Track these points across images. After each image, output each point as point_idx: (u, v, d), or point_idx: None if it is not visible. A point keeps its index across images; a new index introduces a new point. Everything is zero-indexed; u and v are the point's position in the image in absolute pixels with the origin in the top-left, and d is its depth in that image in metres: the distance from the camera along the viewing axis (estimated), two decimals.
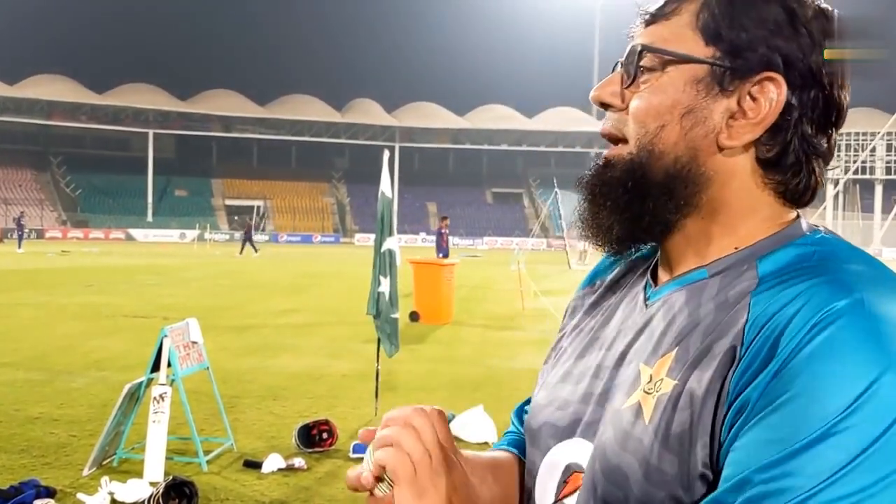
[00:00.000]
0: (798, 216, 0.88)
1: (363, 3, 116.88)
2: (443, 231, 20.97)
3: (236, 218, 69.09)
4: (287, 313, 14.35)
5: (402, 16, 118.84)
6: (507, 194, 79.95)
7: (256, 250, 39.01)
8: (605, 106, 0.92)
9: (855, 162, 57.78)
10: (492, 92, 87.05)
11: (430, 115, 75.85)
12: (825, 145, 0.86)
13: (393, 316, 6.71)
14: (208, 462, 5.37)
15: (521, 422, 1.14)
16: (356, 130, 75.40)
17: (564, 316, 1.10)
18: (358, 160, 76.33)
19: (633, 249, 0.94)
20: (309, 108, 74.89)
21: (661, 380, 0.81)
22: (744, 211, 0.86)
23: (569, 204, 52.10)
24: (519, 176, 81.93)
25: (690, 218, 0.86)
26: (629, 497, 0.79)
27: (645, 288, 0.95)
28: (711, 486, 0.74)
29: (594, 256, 39.45)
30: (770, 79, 0.82)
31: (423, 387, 8.08)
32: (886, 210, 52.35)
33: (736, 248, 0.85)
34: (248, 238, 40.00)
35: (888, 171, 62.78)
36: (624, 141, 0.89)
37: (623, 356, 0.90)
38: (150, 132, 72.92)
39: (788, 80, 0.82)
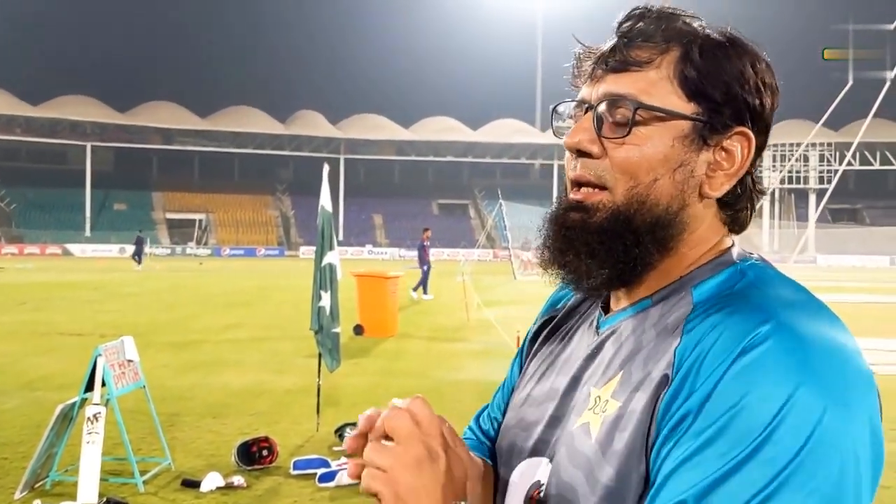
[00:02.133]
0: (732, 244, 0.95)
1: (307, 14, 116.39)
2: (425, 244, 21.28)
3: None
4: (229, 328, 14.15)
5: (346, 27, 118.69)
6: (453, 205, 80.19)
7: (139, 263, 38.30)
8: (581, 154, 0.93)
9: (787, 172, 59.39)
10: (437, 104, 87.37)
11: (375, 127, 75.72)
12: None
13: (334, 330, 6.69)
14: (145, 482, 5.26)
15: (481, 429, 1.23)
16: (300, 142, 74.85)
17: (526, 340, 1.16)
18: (302, 172, 75.71)
19: (604, 288, 0.96)
20: (252, 120, 74.09)
21: (607, 401, 0.87)
22: (700, 244, 0.93)
23: (514, 215, 52.46)
24: (465, 187, 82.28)
25: (665, 256, 0.92)
26: None
27: (599, 314, 1.01)
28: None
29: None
30: (742, 133, 0.91)
31: (366, 401, 8.04)
32: (821, 219, 53.98)
33: (680, 277, 0.92)
34: (138, 251, 39.24)
35: (821, 180, 64.77)
36: (601, 188, 0.92)
37: (576, 380, 0.96)
38: (88, 145, 71.23)
39: (754, 131, 0.91)
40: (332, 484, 5.35)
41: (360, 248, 65.67)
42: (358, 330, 13.05)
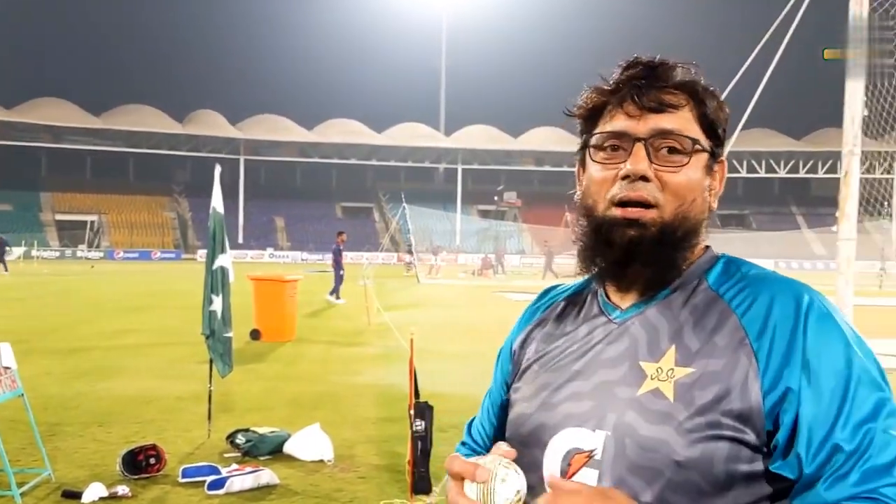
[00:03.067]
0: (709, 245, 1.23)
1: (207, 10, 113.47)
2: (340, 247, 21.21)
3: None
4: (120, 334, 13.69)
5: (248, 26, 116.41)
6: (357, 209, 79.65)
7: (6, 269, 35.99)
8: (640, 178, 1.13)
9: None
10: (340, 106, 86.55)
11: (276, 128, 74.39)
12: None
13: (226, 335, 6.58)
14: (22, 494, 5.05)
15: (474, 439, 1.41)
16: (198, 142, 72.76)
17: (510, 348, 1.35)
18: (200, 173, 73.51)
19: (649, 286, 1.18)
20: (147, 119, 71.60)
21: (672, 369, 1.08)
22: (697, 244, 1.18)
23: (417, 219, 52.60)
24: (369, 190, 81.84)
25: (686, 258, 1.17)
26: (672, 455, 1.03)
27: (602, 310, 1.21)
28: (747, 431, 1.04)
29: (446, 271, 39.81)
30: (722, 161, 1.21)
31: (261, 406, 7.94)
32: (711, 224, 56.13)
33: (684, 269, 1.17)
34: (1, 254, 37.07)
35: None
36: (651, 206, 1.12)
37: (604, 362, 1.15)
38: None
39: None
40: (221, 491, 5.26)
41: (261, 252, 64.45)
42: (255, 335, 12.84)
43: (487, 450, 1.25)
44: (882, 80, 6.75)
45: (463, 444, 1.43)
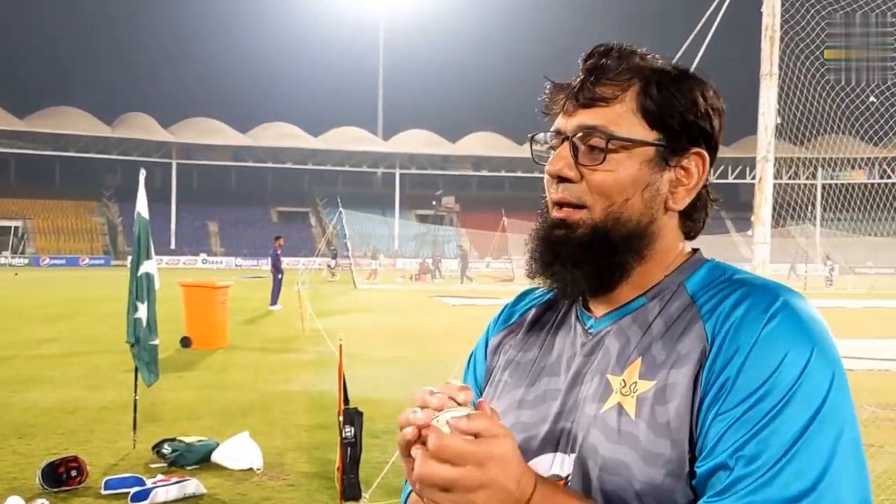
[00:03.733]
0: (697, 249, 1.14)
1: (136, 10, 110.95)
2: (278, 252, 21.24)
3: None
4: (43, 343, 13.25)
5: (179, 26, 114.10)
6: (294, 213, 78.83)
7: None
8: (561, 179, 1.07)
9: None
10: (275, 109, 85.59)
11: (209, 131, 73.09)
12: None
13: (151, 343, 6.44)
14: None
15: None
16: (129, 146, 70.98)
17: (480, 356, 1.25)
18: (131, 177, 71.53)
19: (587, 292, 1.10)
20: (75, 122, 69.59)
21: (635, 383, 0.99)
22: (669, 250, 1.09)
23: (356, 223, 52.30)
24: (305, 195, 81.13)
25: (640, 263, 1.07)
26: (632, 481, 0.94)
27: (580, 319, 1.13)
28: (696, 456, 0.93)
29: (384, 276, 39.63)
30: (697, 153, 1.08)
31: (189, 415, 7.78)
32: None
33: (665, 276, 1.08)
34: None
35: None
36: (581, 207, 1.06)
37: (578, 375, 1.07)
38: None
39: (707, 150, 1.08)
40: (145, 503, 5.14)
41: (194, 258, 63.22)
42: (185, 342, 12.58)
43: None
44: (801, 87, 6.99)
45: None
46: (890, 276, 49.27)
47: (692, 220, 1.12)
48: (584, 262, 1.05)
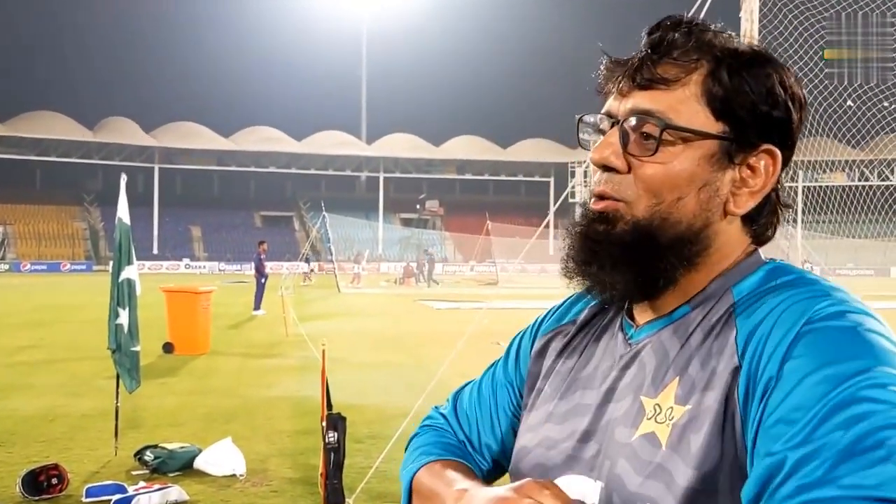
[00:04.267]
0: (755, 249, 0.97)
1: (118, 13, 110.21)
2: (262, 257, 21.36)
3: None
4: (23, 350, 13.12)
5: (162, 30, 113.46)
6: (277, 217, 78.54)
7: None
8: (605, 168, 0.93)
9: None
10: (258, 113, 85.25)
11: (192, 136, 72.69)
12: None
13: (133, 349, 6.40)
14: None
15: (458, 417, 1.18)
16: (110, 150, 70.46)
17: (525, 353, 1.13)
18: (113, 182, 70.80)
19: (626, 298, 0.97)
20: (56, 126, 68.99)
21: (671, 408, 0.86)
22: (725, 256, 0.94)
23: (339, 227, 52.16)
24: (289, 199, 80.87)
25: (689, 271, 0.93)
26: None
27: (622, 328, 1.00)
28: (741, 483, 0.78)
29: (368, 280, 39.55)
30: (768, 150, 0.92)
31: (172, 422, 7.74)
32: None
33: (711, 280, 0.93)
34: None
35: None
36: (621, 201, 0.92)
37: (611, 391, 0.95)
38: None
39: (781, 147, 0.92)
40: None
41: (177, 262, 62.81)
42: (167, 348, 12.51)
43: (470, 444, 1.14)
44: None
45: (440, 414, 1.21)
46: (870, 278, 49.78)
47: (759, 226, 0.97)
48: (625, 265, 0.92)
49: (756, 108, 0.90)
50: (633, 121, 0.91)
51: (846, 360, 0.76)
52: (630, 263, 0.92)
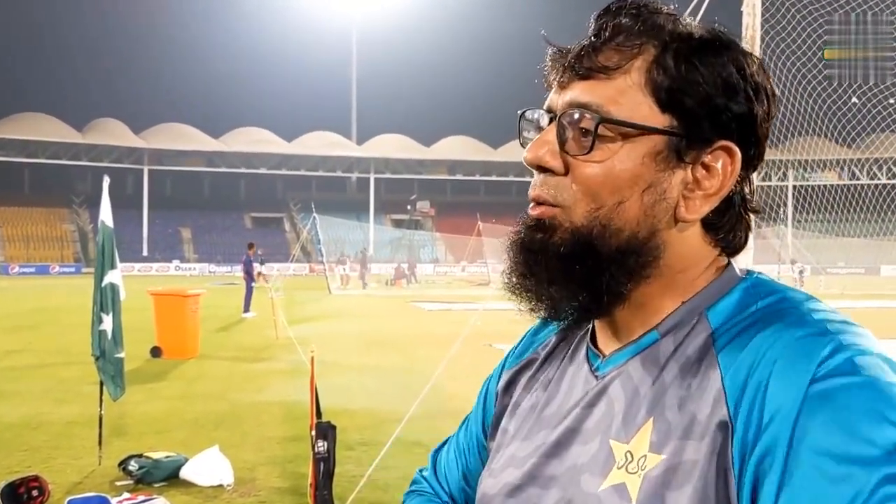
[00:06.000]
0: (729, 261, 0.86)
1: (107, 15, 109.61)
2: (252, 259, 21.48)
3: None
4: (9, 355, 12.91)
5: (151, 31, 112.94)
6: (268, 219, 78.33)
7: None
8: (541, 169, 0.83)
9: None
10: (248, 114, 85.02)
11: (182, 137, 72.36)
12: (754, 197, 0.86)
13: (117, 356, 6.24)
14: None
15: (437, 475, 1.12)
16: (100, 152, 70.06)
17: (497, 395, 1.02)
18: (102, 184, 71.06)
19: (571, 319, 0.85)
20: (45, 128, 68.56)
21: (644, 456, 0.75)
22: (687, 268, 0.83)
23: (330, 229, 52.00)
24: (279, 200, 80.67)
25: (639, 285, 0.82)
26: None
27: (587, 358, 0.89)
28: None
29: (358, 281, 39.39)
30: (725, 148, 0.80)
31: (159, 429, 7.57)
32: None
33: (682, 302, 0.82)
34: None
35: None
36: (557, 206, 0.82)
37: (573, 432, 0.84)
38: None
39: (739, 143, 0.80)
40: None
41: (167, 264, 62.53)
42: (155, 352, 12.32)
43: (452, 499, 1.09)
44: (779, 89, 6.97)
45: (423, 478, 1.15)
46: (861, 276, 49.94)
47: (722, 234, 0.84)
48: (564, 280, 0.81)
49: (709, 99, 0.78)
50: (569, 115, 0.81)
51: (868, 442, 0.63)
52: (569, 277, 0.81)
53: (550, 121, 0.84)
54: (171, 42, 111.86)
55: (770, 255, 40.70)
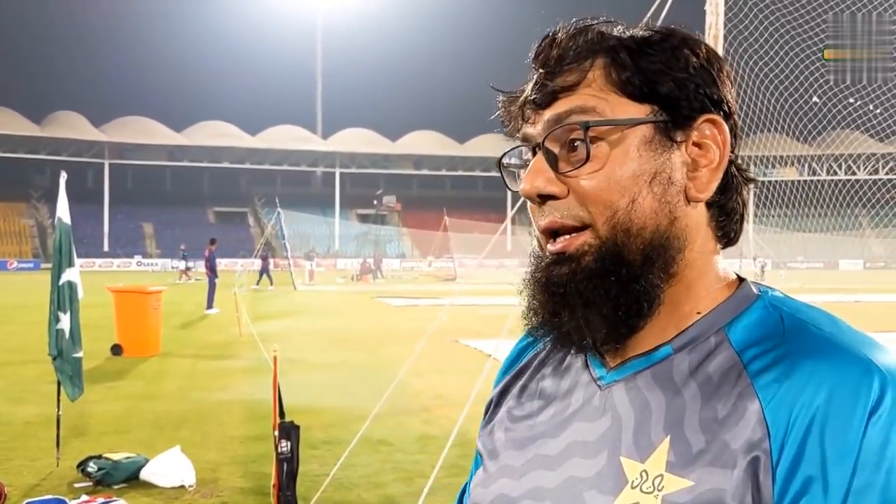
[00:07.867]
0: (742, 277, 0.85)
1: (67, 6, 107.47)
2: (214, 255, 21.51)
3: None
4: None
5: (111, 22, 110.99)
6: (231, 213, 77.51)
7: None
8: (543, 198, 0.81)
9: None
10: (211, 108, 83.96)
11: (143, 131, 71.26)
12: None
13: (75, 355, 6.12)
14: None
15: None
16: (59, 146, 68.70)
17: (489, 407, 0.98)
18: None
19: (606, 338, 0.82)
20: (2, 121, 67.16)
21: (661, 476, 0.73)
22: (702, 269, 0.82)
23: (295, 223, 51.64)
24: (243, 195, 79.83)
25: (670, 285, 0.80)
26: None
27: (588, 367, 0.86)
28: None
29: (324, 277, 39.37)
30: (709, 120, 0.81)
31: (119, 429, 7.44)
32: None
33: (699, 314, 0.81)
34: None
35: None
36: (581, 228, 0.80)
37: (577, 444, 0.81)
38: None
39: (721, 115, 0.82)
40: None
41: (129, 260, 61.56)
42: (116, 350, 12.12)
43: None
44: (741, 86, 7.03)
45: None
46: (820, 271, 50.88)
47: (727, 214, 0.84)
48: (599, 301, 0.79)
49: (677, 80, 0.80)
50: (554, 134, 0.80)
51: None
52: (605, 296, 0.79)
53: (534, 151, 0.83)
54: (133, 35, 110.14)
55: (732, 250, 41.18)
